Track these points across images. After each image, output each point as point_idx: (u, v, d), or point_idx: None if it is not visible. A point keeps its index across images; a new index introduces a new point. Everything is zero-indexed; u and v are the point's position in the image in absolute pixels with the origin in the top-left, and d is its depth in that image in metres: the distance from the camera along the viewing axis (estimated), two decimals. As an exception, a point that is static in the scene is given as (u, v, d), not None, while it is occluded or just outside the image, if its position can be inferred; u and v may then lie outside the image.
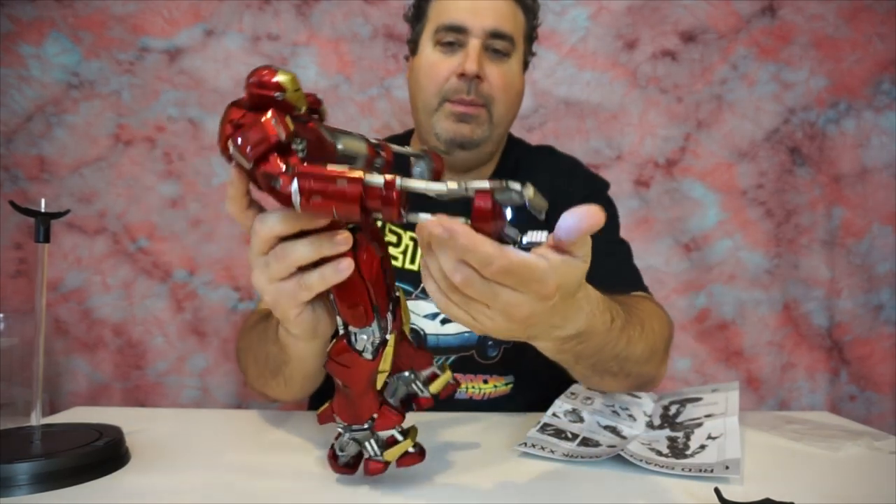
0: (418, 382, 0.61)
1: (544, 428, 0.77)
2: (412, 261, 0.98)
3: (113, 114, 1.49)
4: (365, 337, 0.51)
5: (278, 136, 0.44)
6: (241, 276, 1.51)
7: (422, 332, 0.95)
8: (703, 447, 0.69)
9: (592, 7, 1.54)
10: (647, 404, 0.88)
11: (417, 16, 1.00)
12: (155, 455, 0.67)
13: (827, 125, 1.56)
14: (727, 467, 0.62)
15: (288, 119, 0.46)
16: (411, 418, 0.59)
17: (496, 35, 0.92)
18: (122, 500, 0.56)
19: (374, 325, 0.51)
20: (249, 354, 0.80)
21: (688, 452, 0.69)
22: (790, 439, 0.76)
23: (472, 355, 0.95)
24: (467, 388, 0.94)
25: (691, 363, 1.56)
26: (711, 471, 0.62)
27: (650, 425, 0.81)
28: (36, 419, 0.64)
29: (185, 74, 1.50)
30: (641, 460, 0.66)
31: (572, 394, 0.87)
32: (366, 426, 0.55)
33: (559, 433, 0.76)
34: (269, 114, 0.45)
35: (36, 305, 0.63)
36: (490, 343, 0.95)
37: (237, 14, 1.51)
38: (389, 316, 0.53)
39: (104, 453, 0.62)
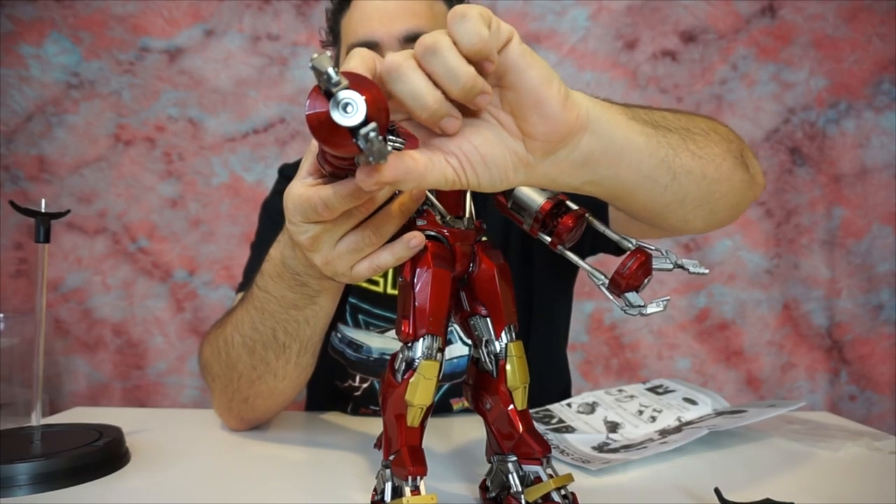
0: (515, 477, 0.47)
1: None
2: (395, 286, 0.93)
3: (113, 114, 1.49)
4: (401, 355, 0.47)
5: None
6: (240, 275, 1.51)
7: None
8: (626, 448, 0.70)
9: (592, 7, 1.54)
10: (694, 411, 0.80)
11: (334, 39, 0.91)
12: (155, 455, 0.67)
13: (827, 125, 1.56)
14: (563, 451, 0.67)
15: None
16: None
17: (413, 38, 0.79)
18: (122, 500, 0.56)
19: (418, 343, 0.46)
20: (236, 347, 0.71)
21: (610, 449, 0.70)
22: (790, 439, 0.76)
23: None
24: (463, 406, 0.92)
25: (691, 363, 1.56)
26: (574, 458, 0.66)
27: (664, 431, 0.77)
28: (36, 419, 0.64)
29: (185, 74, 1.50)
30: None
31: (619, 390, 0.87)
32: (386, 462, 0.48)
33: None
34: None
35: (36, 305, 0.63)
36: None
37: (237, 14, 1.51)
38: (432, 340, 0.46)
39: (104, 453, 0.62)
